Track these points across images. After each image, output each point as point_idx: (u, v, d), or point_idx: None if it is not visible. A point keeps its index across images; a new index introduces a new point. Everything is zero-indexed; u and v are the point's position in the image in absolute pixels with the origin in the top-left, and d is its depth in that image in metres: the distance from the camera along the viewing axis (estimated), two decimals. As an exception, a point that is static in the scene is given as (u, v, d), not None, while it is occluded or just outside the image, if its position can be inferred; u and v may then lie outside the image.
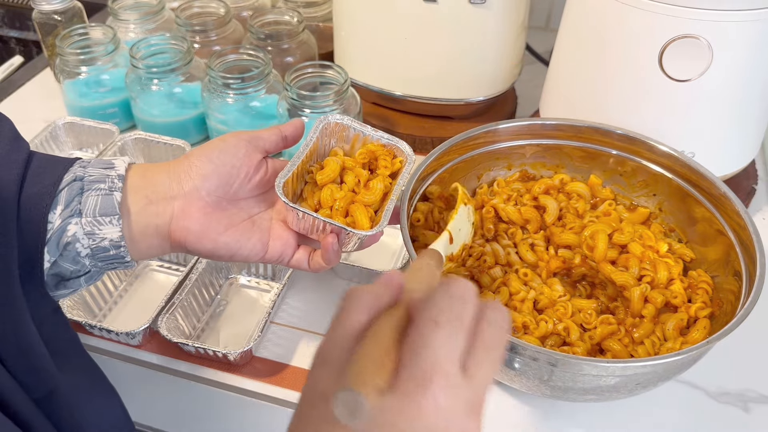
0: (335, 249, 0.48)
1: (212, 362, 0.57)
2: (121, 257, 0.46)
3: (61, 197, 0.44)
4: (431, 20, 0.70)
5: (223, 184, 0.48)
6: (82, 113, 0.80)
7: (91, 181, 0.45)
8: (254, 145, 0.49)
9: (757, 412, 0.55)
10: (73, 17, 0.84)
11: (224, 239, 0.48)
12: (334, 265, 0.51)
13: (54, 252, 0.44)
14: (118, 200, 0.45)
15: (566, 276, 0.59)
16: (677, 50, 0.57)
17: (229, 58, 0.73)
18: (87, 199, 0.44)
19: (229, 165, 0.48)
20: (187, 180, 0.47)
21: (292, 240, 0.50)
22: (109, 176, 0.46)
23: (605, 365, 0.45)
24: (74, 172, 0.45)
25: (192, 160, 0.48)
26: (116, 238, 0.45)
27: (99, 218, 0.44)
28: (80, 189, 0.45)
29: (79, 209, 0.44)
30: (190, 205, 0.47)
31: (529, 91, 0.87)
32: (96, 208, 0.44)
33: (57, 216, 0.44)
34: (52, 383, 0.42)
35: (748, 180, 0.71)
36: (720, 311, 0.54)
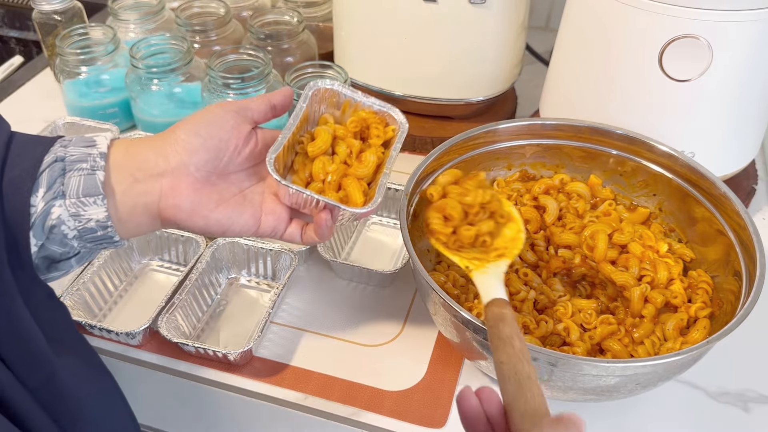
0: (328, 225, 0.48)
1: (212, 362, 0.57)
2: (110, 237, 0.45)
3: (42, 179, 0.43)
4: (431, 20, 0.70)
5: (212, 158, 0.46)
6: (82, 113, 0.80)
7: (73, 161, 0.44)
8: (242, 115, 0.48)
9: (757, 412, 0.55)
10: (73, 17, 0.84)
11: (216, 216, 0.47)
12: (328, 239, 0.50)
13: (40, 236, 0.43)
14: (101, 180, 0.44)
15: (566, 276, 0.59)
16: (677, 50, 0.57)
17: (229, 58, 0.73)
18: (69, 180, 0.43)
19: (217, 138, 0.46)
20: (174, 155, 0.46)
21: (284, 214, 0.49)
22: (91, 155, 0.44)
23: (605, 365, 0.45)
24: (55, 153, 0.44)
25: (178, 133, 0.46)
26: (102, 218, 0.44)
27: (83, 199, 0.43)
28: (62, 170, 0.43)
29: (62, 191, 0.43)
30: (179, 182, 0.46)
31: (529, 91, 0.87)
32: (79, 188, 0.43)
33: (39, 199, 0.43)
34: (49, 368, 0.42)
35: (748, 180, 0.71)
36: (720, 311, 0.54)
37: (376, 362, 0.58)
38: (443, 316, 0.50)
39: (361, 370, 0.57)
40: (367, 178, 0.51)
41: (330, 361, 0.58)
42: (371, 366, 0.57)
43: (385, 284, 0.64)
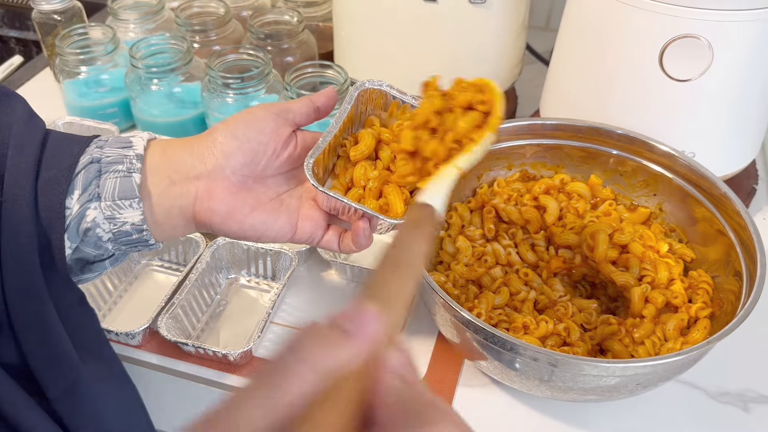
0: (366, 234, 0.46)
1: (212, 362, 0.57)
2: (145, 240, 0.44)
3: (78, 181, 0.42)
4: (431, 20, 0.70)
5: (249, 161, 0.45)
6: (82, 113, 0.80)
7: (109, 162, 0.43)
8: (283, 118, 0.46)
9: (757, 412, 0.55)
10: (72, 17, 0.83)
11: (250, 221, 0.45)
12: (366, 248, 0.48)
13: (74, 238, 0.42)
14: (137, 182, 0.43)
15: (567, 276, 0.59)
16: (678, 50, 0.57)
17: (228, 58, 0.73)
18: (105, 182, 0.42)
19: (255, 141, 0.45)
20: (210, 158, 0.45)
21: (322, 220, 0.48)
22: (127, 157, 0.43)
23: (606, 365, 0.45)
24: (91, 154, 0.43)
25: (215, 135, 0.45)
26: (138, 221, 0.43)
27: (118, 202, 0.42)
28: (98, 171, 0.43)
29: (98, 193, 0.42)
30: (215, 185, 0.45)
31: (529, 91, 0.87)
32: (115, 191, 0.42)
33: (75, 201, 0.42)
34: (72, 377, 0.41)
35: (748, 180, 0.71)
36: (720, 311, 0.54)
37: (376, 362, 0.57)
38: (443, 316, 0.50)
39: (361, 371, 0.57)
40: (411, 186, 0.48)
41: (330, 362, 0.57)
42: (371, 366, 0.57)
43: (385, 284, 0.64)
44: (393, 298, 0.27)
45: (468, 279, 0.58)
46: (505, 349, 0.46)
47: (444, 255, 0.61)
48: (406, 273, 0.29)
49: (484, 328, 0.46)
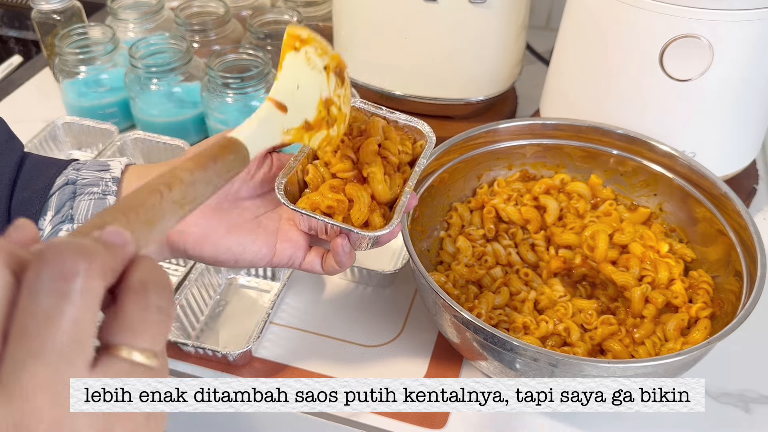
0: (346, 251, 0.45)
1: (212, 362, 0.57)
2: None
3: (51, 202, 0.42)
4: (431, 20, 0.70)
5: None
6: (81, 113, 0.80)
7: (84, 184, 0.43)
8: None
9: (757, 412, 0.55)
10: (72, 17, 0.83)
11: (226, 242, 0.45)
12: (349, 267, 0.46)
13: None
14: (111, 204, 0.43)
15: (567, 276, 0.59)
16: (678, 50, 0.57)
17: (228, 58, 0.73)
18: (79, 204, 0.42)
19: None
20: None
21: (302, 241, 0.47)
22: (103, 179, 0.43)
23: (606, 366, 0.45)
24: (67, 175, 0.43)
25: None
26: None
27: None
28: (72, 193, 0.43)
29: (71, 214, 0.42)
30: None
31: (529, 91, 0.87)
32: (88, 213, 0.42)
33: (47, 222, 0.42)
34: None
35: (748, 180, 0.71)
36: (721, 311, 0.54)
37: (376, 362, 0.57)
38: (443, 316, 0.50)
39: (361, 370, 0.57)
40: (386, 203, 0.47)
41: (330, 361, 0.57)
42: (371, 366, 0.57)
43: (385, 284, 0.64)
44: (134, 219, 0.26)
45: (468, 279, 0.58)
46: (505, 349, 0.46)
47: (444, 255, 0.61)
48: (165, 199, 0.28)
49: (484, 328, 0.46)
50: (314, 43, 0.41)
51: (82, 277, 0.22)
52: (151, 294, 0.24)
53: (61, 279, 0.22)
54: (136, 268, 0.25)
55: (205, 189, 0.31)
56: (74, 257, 0.22)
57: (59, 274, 0.22)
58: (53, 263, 0.22)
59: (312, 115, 0.42)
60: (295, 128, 0.41)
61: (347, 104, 0.45)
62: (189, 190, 0.29)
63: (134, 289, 0.24)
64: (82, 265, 0.22)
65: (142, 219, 0.26)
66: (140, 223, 0.26)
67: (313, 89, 0.42)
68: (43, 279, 0.22)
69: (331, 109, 0.43)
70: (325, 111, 0.43)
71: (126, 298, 0.24)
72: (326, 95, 0.43)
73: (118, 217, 0.25)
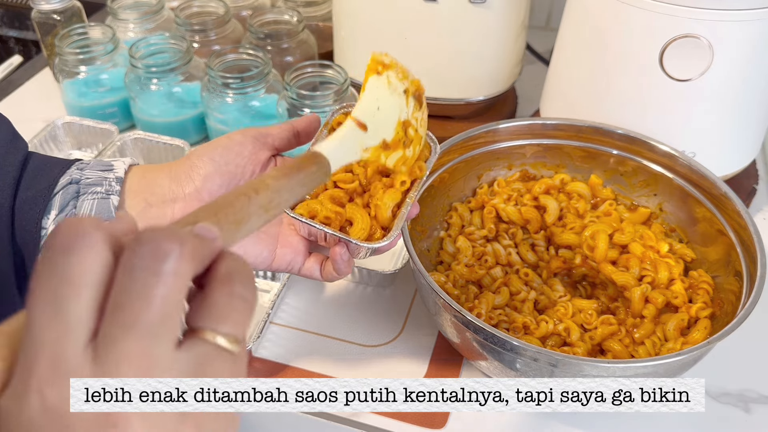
0: (344, 259, 0.45)
1: (212, 362, 0.57)
2: None
3: (55, 201, 0.42)
4: (431, 20, 0.70)
5: (226, 184, 0.45)
6: (82, 113, 0.80)
7: (88, 184, 0.43)
8: (262, 142, 0.46)
9: (757, 412, 0.55)
10: (72, 17, 0.83)
11: None
12: (347, 275, 0.47)
13: None
14: (114, 204, 0.43)
15: (567, 276, 0.59)
16: (678, 50, 0.57)
17: (228, 58, 0.73)
18: (83, 203, 0.43)
19: (233, 164, 0.45)
20: (187, 181, 0.45)
21: (302, 247, 0.47)
22: (107, 179, 0.44)
23: (606, 366, 0.45)
24: (71, 175, 0.44)
25: (193, 159, 0.46)
26: None
27: None
28: (76, 192, 0.43)
29: (75, 214, 0.42)
30: (191, 208, 0.44)
31: (529, 91, 0.87)
32: (91, 212, 0.42)
33: (51, 221, 0.42)
34: None
35: (748, 180, 0.71)
36: (721, 311, 0.54)
37: (376, 362, 0.57)
38: (443, 316, 0.50)
39: (361, 370, 0.57)
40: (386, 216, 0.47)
41: (330, 361, 0.57)
42: (371, 366, 0.57)
43: (385, 284, 0.64)
44: (224, 219, 0.28)
45: (468, 279, 0.58)
46: (505, 349, 0.46)
47: (444, 255, 0.61)
48: (252, 202, 0.30)
49: (484, 328, 0.46)
50: (396, 68, 0.45)
51: (174, 258, 0.23)
52: (236, 284, 0.25)
53: (154, 258, 0.23)
54: (223, 261, 0.26)
55: (290, 196, 0.32)
56: (168, 240, 0.23)
57: (153, 254, 0.23)
58: (149, 243, 0.23)
59: (390, 136, 0.44)
60: (373, 147, 0.43)
61: (424, 127, 0.46)
62: (274, 196, 0.31)
63: (221, 278, 0.25)
64: (175, 248, 0.23)
65: (230, 219, 0.28)
66: (228, 222, 0.28)
67: (392, 111, 0.44)
68: (139, 257, 0.23)
69: (408, 131, 0.45)
70: (403, 132, 0.44)
71: (213, 287, 0.25)
72: (404, 117, 0.45)
73: (209, 216, 0.27)
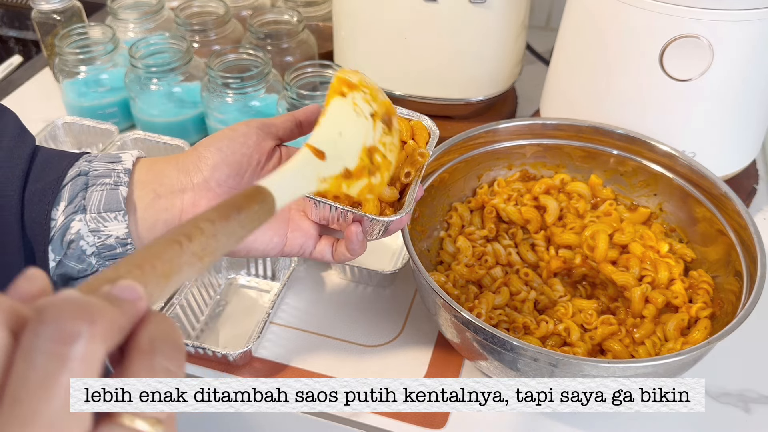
0: (360, 238, 0.45)
1: (212, 362, 0.57)
2: (128, 254, 0.45)
3: (64, 193, 0.43)
4: (431, 20, 0.70)
5: (234, 173, 0.46)
6: (82, 113, 0.80)
7: (96, 175, 0.44)
8: (266, 132, 0.47)
9: (757, 412, 0.55)
10: (72, 17, 0.83)
11: None
12: (360, 255, 0.47)
13: (59, 251, 0.43)
14: (123, 195, 0.43)
15: (567, 276, 0.59)
16: (678, 50, 0.57)
17: (228, 58, 0.73)
18: (91, 195, 0.43)
19: (239, 153, 0.45)
20: (196, 172, 0.45)
21: (312, 231, 0.48)
22: (115, 170, 0.44)
23: (606, 366, 0.45)
24: (79, 167, 0.44)
25: (200, 150, 0.46)
26: (122, 234, 0.43)
27: (104, 214, 0.43)
28: (84, 184, 0.43)
29: (83, 205, 0.43)
30: (201, 198, 0.45)
31: (529, 91, 0.87)
32: (101, 203, 0.43)
33: (60, 213, 0.42)
34: None
35: (748, 180, 0.71)
36: (721, 311, 0.54)
37: (376, 362, 0.57)
38: (443, 316, 0.50)
39: (361, 370, 0.57)
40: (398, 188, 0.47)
41: (330, 361, 0.57)
42: (371, 366, 0.57)
43: (385, 284, 0.64)
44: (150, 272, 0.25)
45: (468, 279, 0.58)
46: (505, 349, 0.46)
47: (444, 255, 0.61)
48: (185, 250, 0.26)
49: (484, 328, 0.46)
50: (363, 89, 0.40)
51: (84, 340, 0.20)
52: (158, 355, 0.23)
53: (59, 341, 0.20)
54: (147, 326, 0.23)
55: (227, 240, 0.28)
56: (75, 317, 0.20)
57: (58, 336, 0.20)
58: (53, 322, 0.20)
59: (353, 164, 0.40)
60: (333, 176, 0.39)
61: (394, 152, 0.43)
62: (210, 242, 0.27)
63: (142, 348, 0.23)
64: (84, 327, 0.20)
65: (158, 272, 0.25)
66: (156, 276, 0.25)
67: (356, 137, 0.40)
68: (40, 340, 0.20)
69: (375, 157, 0.41)
70: (368, 159, 0.41)
71: (132, 358, 0.23)
72: (370, 143, 0.41)
73: (132, 270, 0.24)
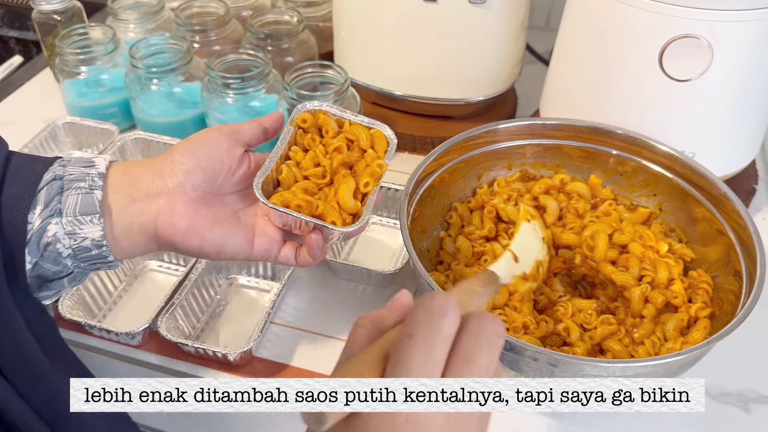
0: (320, 245, 0.48)
1: (212, 362, 0.57)
2: (104, 257, 0.45)
3: (40, 197, 0.43)
4: (431, 20, 0.70)
5: (208, 178, 0.47)
6: (82, 113, 0.80)
7: (71, 179, 0.44)
8: (235, 138, 0.49)
9: (757, 412, 0.55)
10: (72, 17, 0.83)
11: (211, 236, 0.47)
12: (321, 260, 0.51)
13: (35, 253, 0.43)
14: (98, 198, 0.44)
15: (566, 276, 0.59)
16: (677, 50, 0.57)
17: (228, 58, 0.73)
18: (67, 198, 0.44)
19: (213, 159, 0.48)
20: (170, 176, 0.47)
21: (277, 236, 0.50)
22: (90, 174, 0.45)
23: (605, 365, 0.45)
24: (54, 171, 0.45)
25: (174, 155, 0.47)
26: (98, 237, 0.44)
27: (80, 217, 0.44)
28: (60, 188, 0.44)
29: (60, 209, 0.43)
30: (176, 201, 0.46)
31: (529, 91, 0.87)
32: (76, 207, 0.44)
33: (36, 216, 0.43)
34: (51, 386, 0.42)
35: (748, 180, 0.71)
36: (720, 311, 0.54)
37: (376, 362, 0.57)
38: (443, 316, 0.50)
39: (361, 371, 0.57)
40: None
41: (330, 361, 0.57)
42: (371, 366, 0.57)
43: (385, 284, 0.64)
44: None
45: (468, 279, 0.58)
46: (505, 349, 0.46)
47: (444, 255, 0.61)
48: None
49: (484, 328, 0.46)
50: (539, 220, 0.58)
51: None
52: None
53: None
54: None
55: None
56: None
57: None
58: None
59: (528, 270, 0.53)
60: (517, 275, 0.53)
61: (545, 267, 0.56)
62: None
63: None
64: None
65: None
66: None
67: (533, 251, 0.55)
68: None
69: (540, 269, 0.55)
70: (536, 269, 0.54)
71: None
72: (539, 258, 0.55)
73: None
